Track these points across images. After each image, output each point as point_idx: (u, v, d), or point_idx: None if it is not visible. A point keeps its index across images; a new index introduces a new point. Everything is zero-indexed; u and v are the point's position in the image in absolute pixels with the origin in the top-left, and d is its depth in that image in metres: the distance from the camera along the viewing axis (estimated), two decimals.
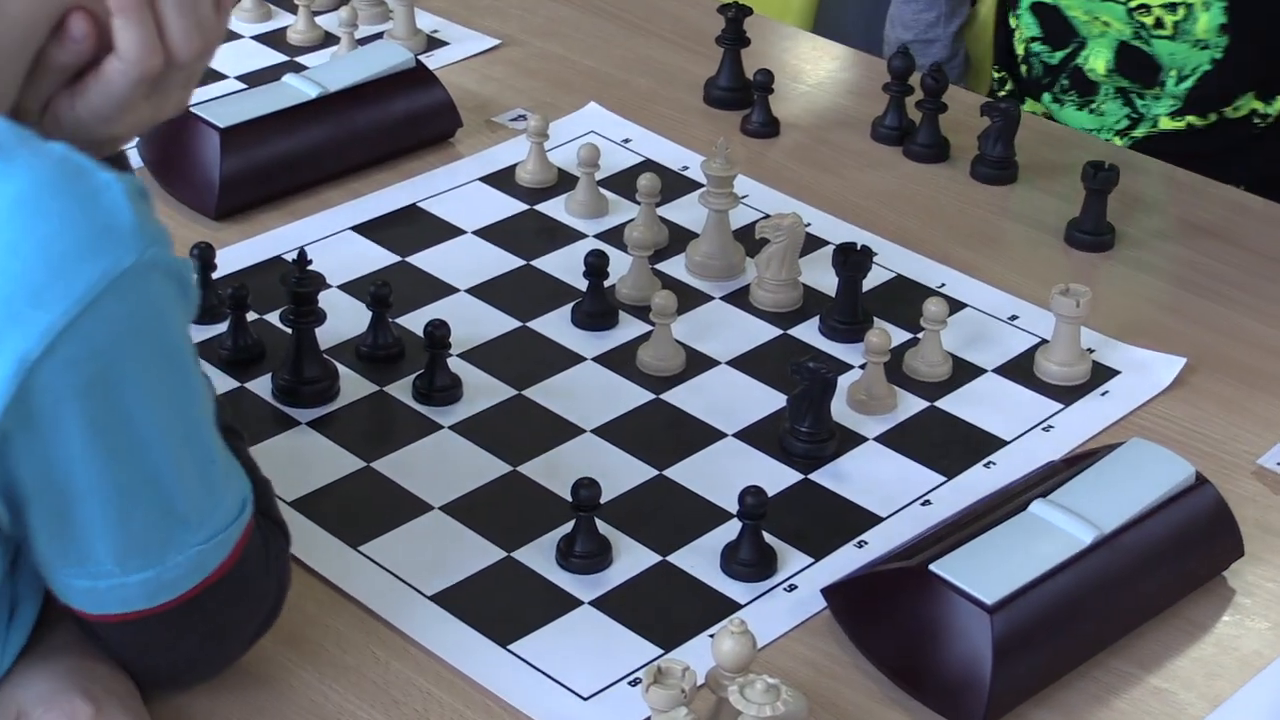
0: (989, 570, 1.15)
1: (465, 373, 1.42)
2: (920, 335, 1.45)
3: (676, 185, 1.67)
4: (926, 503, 1.31)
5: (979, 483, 1.33)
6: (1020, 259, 1.60)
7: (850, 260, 1.47)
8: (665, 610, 1.22)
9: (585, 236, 1.60)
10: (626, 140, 1.75)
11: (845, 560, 1.26)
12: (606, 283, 1.49)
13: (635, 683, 1.16)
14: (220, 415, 1.06)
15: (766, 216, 1.54)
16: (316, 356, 1.40)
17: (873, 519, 1.30)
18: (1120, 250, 1.61)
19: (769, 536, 1.25)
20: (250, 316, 1.45)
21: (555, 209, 1.64)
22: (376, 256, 1.57)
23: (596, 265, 1.48)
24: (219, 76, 1.82)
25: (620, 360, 1.45)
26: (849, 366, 1.44)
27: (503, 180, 1.68)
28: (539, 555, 1.25)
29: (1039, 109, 1.95)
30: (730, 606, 1.22)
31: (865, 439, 1.37)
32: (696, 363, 1.45)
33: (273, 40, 1.91)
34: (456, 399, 1.40)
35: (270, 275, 1.49)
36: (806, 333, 1.49)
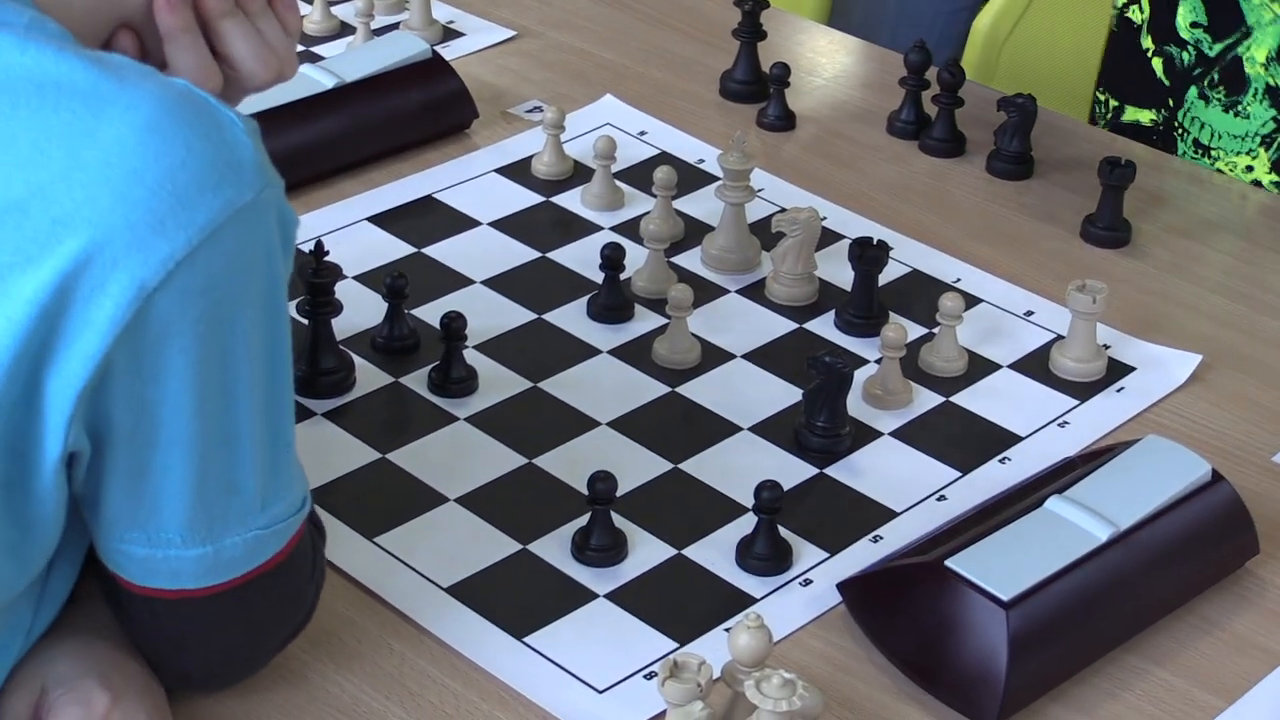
0: (1005, 566, 1.15)
1: (481, 365, 1.42)
2: (936, 330, 1.45)
3: (692, 178, 1.67)
4: (942, 498, 1.31)
5: (994, 478, 1.33)
6: (1036, 255, 1.59)
7: (866, 255, 1.47)
8: (680, 604, 1.22)
9: (601, 229, 1.60)
10: (642, 133, 1.75)
11: (860, 555, 1.26)
12: (622, 276, 1.49)
13: (650, 676, 1.16)
14: None
15: (782, 210, 1.54)
16: (333, 347, 1.40)
17: (888, 514, 1.30)
18: (1136, 246, 1.61)
19: (784, 531, 1.25)
20: None
21: (571, 201, 1.64)
22: (392, 248, 1.57)
23: (612, 258, 1.48)
24: None
25: (636, 353, 1.45)
26: (865, 361, 1.44)
27: (518, 172, 1.68)
28: (554, 548, 1.25)
29: (1148, 118, 1.81)
30: (745, 601, 1.22)
31: (881, 434, 1.37)
32: (712, 356, 1.45)
33: None
34: (472, 391, 1.40)
35: None
36: (822, 327, 1.49)
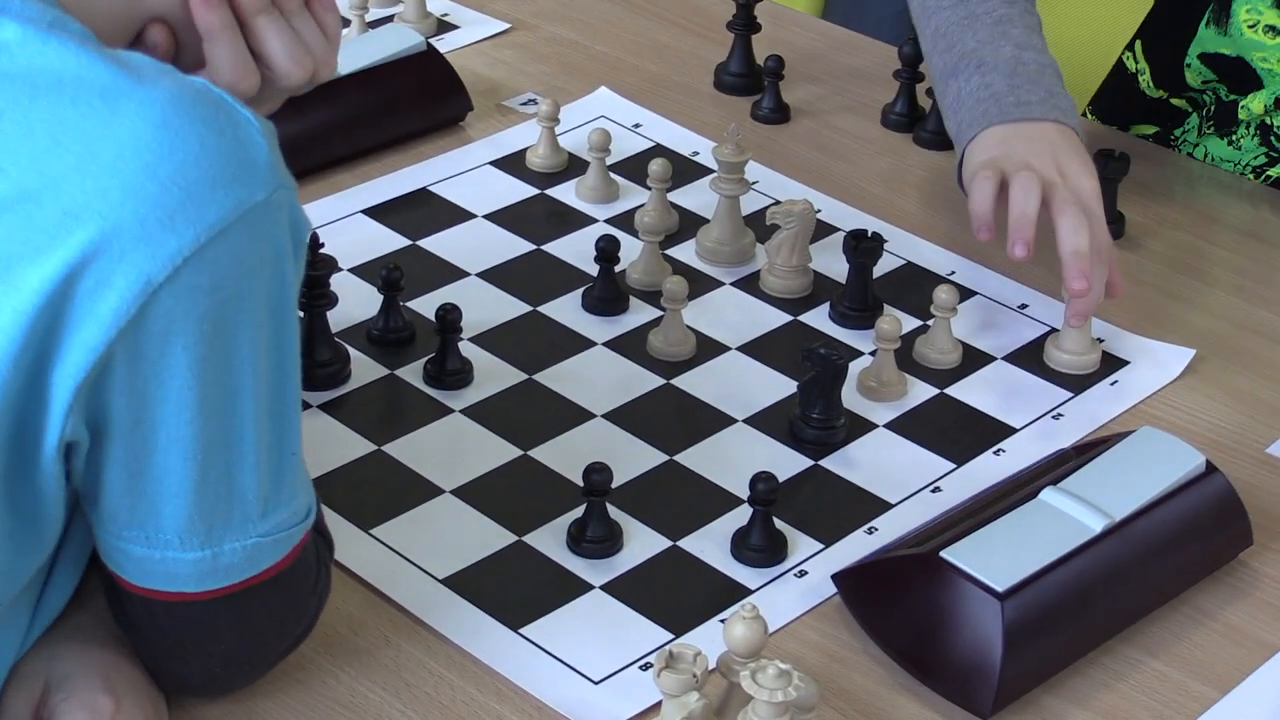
0: (999, 557, 1.15)
1: (476, 357, 1.42)
2: (930, 322, 1.45)
3: (687, 170, 1.67)
4: (936, 490, 1.32)
5: (989, 470, 1.33)
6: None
7: (861, 247, 1.48)
8: (675, 595, 1.22)
9: (596, 221, 1.61)
10: (637, 125, 1.75)
11: (855, 546, 1.26)
12: (617, 268, 1.49)
13: (646, 667, 1.16)
14: None
15: (777, 203, 1.54)
16: (328, 339, 1.40)
17: (883, 505, 1.30)
18: (1130, 239, 1.61)
19: (779, 522, 1.26)
20: None
21: (566, 193, 1.64)
22: (387, 240, 1.57)
23: (607, 250, 1.48)
24: None
25: (631, 345, 1.45)
26: (859, 353, 1.44)
27: (513, 164, 1.68)
28: (550, 539, 1.26)
29: (1147, 130, 1.82)
30: (740, 592, 1.22)
31: (875, 425, 1.38)
32: (707, 348, 1.45)
33: None
34: (467, 383, 1.40)
35: None
36: (817, 319, 1.49)
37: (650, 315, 1.48)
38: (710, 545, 1.26)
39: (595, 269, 1.49)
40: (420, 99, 1.71)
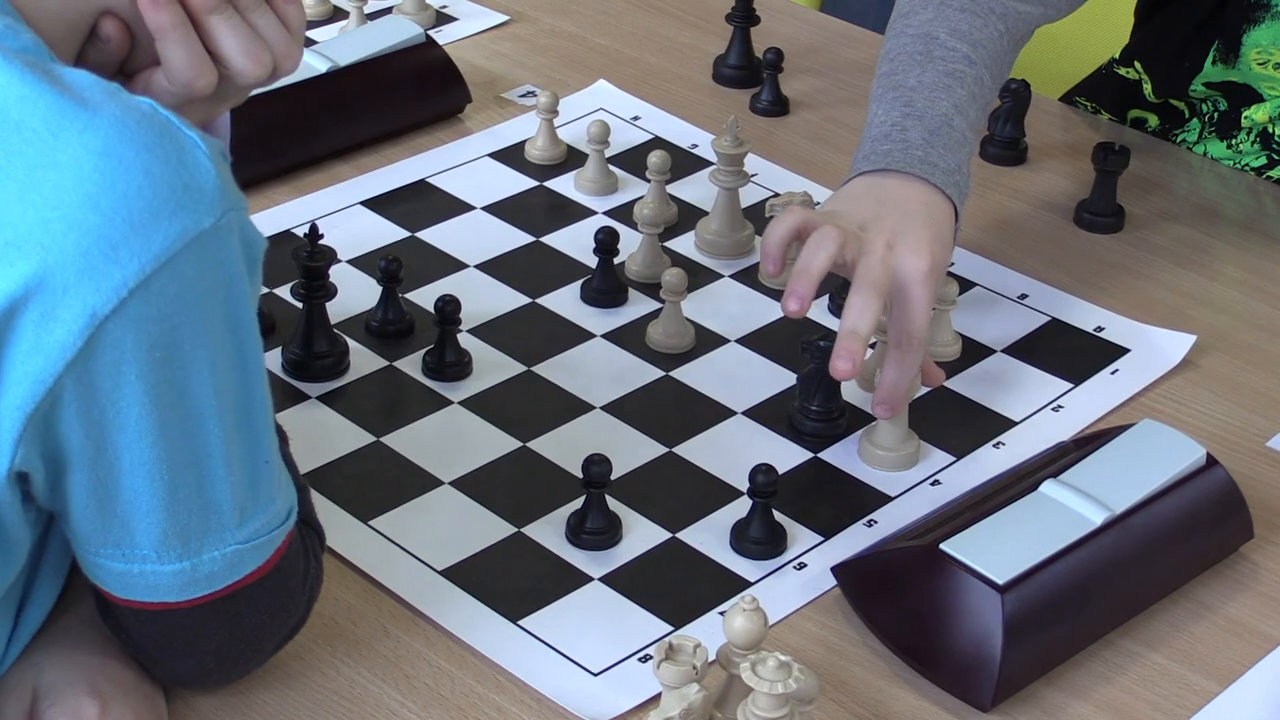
0: (1000, 550, 1.15)
1: (475, 348, 1.42)
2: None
3: (686, 163, 1.67)
4: (936, 482, 1.31)
5: (989, 462, 1.33)
6: (1030, 239, 1.59)
7: None
8: (675, 587, 1.22)
9: (595, 213, 1.60)
10: (636, 117, 1.75)
11: (855, 539, 1.26)
12: (616, 260, 1.49)
13: (645, 659, 1.16)
14: None
15: (776, 195, 1.54)
16: (327, 331, 1.40)
17: (882, 498, 1.30)
18: (1130, 232, 1.61)
19: (779, 514, 1.25)
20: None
21: (565, 186, 1.64)
22: (386, 232, 1.57)
23: (606, 242, 1.48)
24: None
25: (630, 337, 1.45)
26: None
27: (512, 156, 1.68)
28: (549, 531, 1.25)
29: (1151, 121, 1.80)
30: (740, 584, 1.22)
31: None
32: (706, 340, 1.45)
33: None
34: (466, 374, 1.40)
35: (281, 250, 1.48)
36: (816, 311, 1.49)
37: (649, 307, 1.48)
38: (710, 537, 1.26)
39: (594, 261, 1.49)
40: (419, 91, 1.71)
